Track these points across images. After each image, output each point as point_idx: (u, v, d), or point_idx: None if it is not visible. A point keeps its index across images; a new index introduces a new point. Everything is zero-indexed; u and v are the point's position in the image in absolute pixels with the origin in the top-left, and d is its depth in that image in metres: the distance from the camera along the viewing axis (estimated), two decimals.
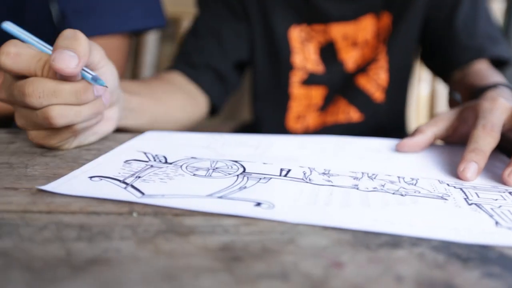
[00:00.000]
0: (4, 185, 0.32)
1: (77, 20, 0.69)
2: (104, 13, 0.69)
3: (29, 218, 0.27)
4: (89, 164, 0.36)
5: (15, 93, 0.36)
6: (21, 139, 0.44)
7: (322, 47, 0.80)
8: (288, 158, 0.39)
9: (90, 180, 0.32)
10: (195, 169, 0.35)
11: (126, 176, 0.33)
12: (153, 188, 0.31)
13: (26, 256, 0.23)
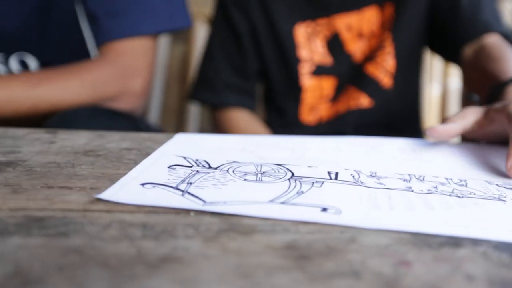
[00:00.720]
0: (58, 184, 0.33)
1: (109, 21, 0.70)
2: (135, 15, 0.70)
3: (91, 216, 0.28)
4: (135, 170, 0.36)
5: None
6: (61, 138, 0.45)
7: (328, 40, 0.82)
8: (328, 161, 0.40)
9: (143, 187, 0.32)
10: (243, 173, 0.35)
11: (177, 183, 0.33)
12: (211, 195, 0.31)
13: (100, 254, 0.23)
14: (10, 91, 0.61)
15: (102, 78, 0.66)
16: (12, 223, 0.26)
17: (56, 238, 0.25)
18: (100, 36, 0.70)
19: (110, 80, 0.67)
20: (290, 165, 0.37)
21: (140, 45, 0.72)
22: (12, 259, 0.23)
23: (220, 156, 0.40)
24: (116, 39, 0.70)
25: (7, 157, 0.38)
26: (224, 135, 0.49)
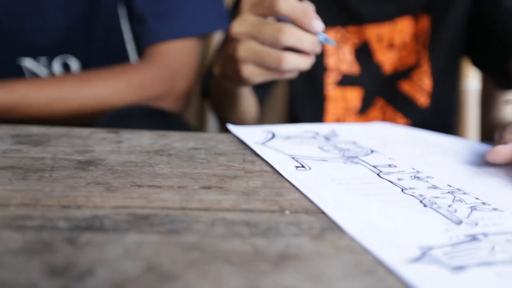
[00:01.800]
0: (146, 183, 0.33)
1: (157, 23, 0.70)
2: (182, 17, 0.71)
3: (192, 215, 0.29)
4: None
5: (265, 29, 0.45)
6: (126, 138, 0.46)
7: (357, 48, 0.81)
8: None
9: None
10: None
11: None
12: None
13: (219, 251, 0.24)
14: (61, 89, 0.62)
15: (148, 79, 0.67)
16: (121, 220, 0.27)
17: (169, 235, 0.26)
18: (147, 37, 0.70)
19: (156, 81, 0.68)
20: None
21: (185, 46, 0.72)
22: (140, 255, 0.23)
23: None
24: (163, 40, 0.71)
25: (85, 156, 0.39)
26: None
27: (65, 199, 0.30)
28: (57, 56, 0.74)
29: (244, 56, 0.47)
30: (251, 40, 0.47)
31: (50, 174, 0.34)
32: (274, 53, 0.46)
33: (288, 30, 0.45)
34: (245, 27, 0.47)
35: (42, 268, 0.22)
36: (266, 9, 0.46)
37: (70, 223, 0.26)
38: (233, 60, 0.48)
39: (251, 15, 0.47)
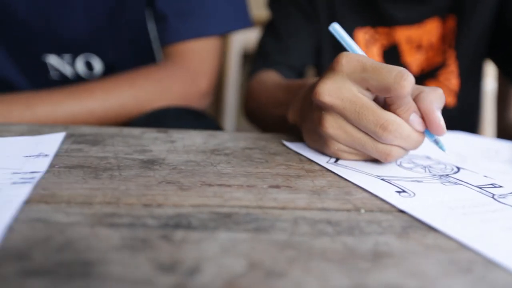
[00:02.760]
0: (215, 182, 0.34)
1: (178, 22, 0.71)
2: (204, 16, 0.71)
3: (272, 213, 0.29)
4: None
5: (366, 117, 0.36)
6: (177, 138, 0.46)
7: (385, 50, 0.82)
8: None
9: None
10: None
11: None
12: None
13: (312, 248, 0.24)
14: (86, 101, 0.62)
15: (172, 80, 0.68)
16: (206, 219, 0.27)
17: (258, 233, 0.26)
18: (168, 36, 0.71)
19: (179, 81, 0.68)
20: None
21: (207, 45, 0.73)
22: (238, 252, 0.24)
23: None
24: (185, 39, 0.71)
25: (145, 155, 0.39)
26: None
27: (144, 197, 0.30)
28: (81, 54, 0.75)
29: (334, 134, 0.39)
30: (342, 119, 0.38)
31: (119, 173, 0.35)
32: (380, 147, 0.38)
33: (394, 130, 0.36)
34: (340, 101, 0.37)
35: (150, 264, 0.22)
36: (378, 85, 0.35)
37: (158, 221, 0.27)
38: (319, 131, 0.40)
39: (351, 83, 0.37)
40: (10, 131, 0.45)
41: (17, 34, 0.73)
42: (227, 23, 0.75)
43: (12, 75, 0.78)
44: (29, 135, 0.44)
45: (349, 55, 0.37)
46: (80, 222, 0.26)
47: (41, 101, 0.59)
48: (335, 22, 0.42)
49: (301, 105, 0.45)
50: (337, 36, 0.41)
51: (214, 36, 0.73)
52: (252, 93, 0.71)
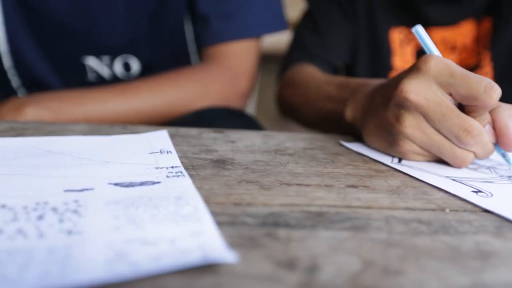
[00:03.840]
0: (293, 182, 0.34)
1: (220, 23, 0.71)
2: (245, 17, 0.71)
3: (361, 212, 0.29)
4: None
5: (451, 119, 0.37)
6: (236, 138, 0.46)
7: (419, 50, 0.82)
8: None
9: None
10: None
11: None
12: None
13: (416, 247, 0.25)
14: (131, 99, 0.63)
15: (214, 80, 0.68)
16: (300, 217, 0.28)
17: (356, 232, 0.26)
18: (210, 38, 0.71)
19: (221, 82, 0.69)
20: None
21: (247, 47, 0.73)
22: (347, 250, 0.24)
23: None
24: (227, 41, 0.71)
25: (213, 155, 0.40)
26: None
27: (231, 196, 0.31)
28: (120, 56, 0.75)
29: (411, 134, 0.39)
30: (423, 119, 0.38)
31: (197, 172, 0.35)
32: (457, 152, 0.38)
33: (476, 135, 0.36)
34: (426, 101, 0.37)
35: (268, 261, 0.22)
36: (465, 93, 0.36)
37: (255, 219, 0.27)
38: (393, 129, 0.40)
39: (436, 85, 0.37)
40: (72, 131, 0.45)
41: (57, 36, 0.74)
42: (266, 25, 0.76)
43: (49, 76, 0.79)
44: (91, 134, 0.44)
45: (438, 58, 0.37)
46: None
47: (90, 99, 0.60)
48: (419, 24, 0.42)
49: (365, 103, 0.46)
50: (419, 38, 0.42)
51: (253, 38, 0.74)
52: (293, 85, 0.71)
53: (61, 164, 0.35)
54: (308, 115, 0.65)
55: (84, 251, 0.22)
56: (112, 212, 0.26)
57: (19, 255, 0.21)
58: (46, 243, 0.23)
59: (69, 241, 0.23)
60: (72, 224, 0.25)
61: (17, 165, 0.34)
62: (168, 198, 0.29)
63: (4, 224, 0.24)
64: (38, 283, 0.19)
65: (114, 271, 0.20)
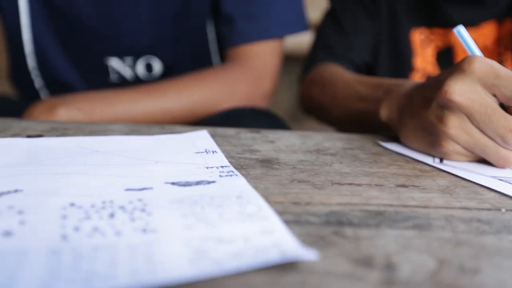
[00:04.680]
0: (344, 181, 0.34)
1: (245, 24, 0.71)
2: (270, 18, 0.72)
3: (419, 211, 0.29)
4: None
5: (496, 120, 0.37)
6: (274, 138, 0.47)
7: (439, 51, 0.82)
8: None
9: None
10: None
11: None
12: None
13: (485, 246, 0.25)
14: (160, 99, 0.63)
15: (240, 80, 0.68)
16: (361, 216, 0.28)
17: (420, 230, 0.26)
18: (235, 38, 0.71)
19: (246, 82, 0.69)
20: None
21: (270, 47, 0.74)
22: (417, 249, 0.24)
23: None
24: (251, 41, 0.72)
25: (257, 155, 0.40)
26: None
27: (288, 196, 0.31)
28: (142, 57, 0.76)
29: (454, 135, 0.39)
30: (467, 120, 0.38)
31: (247, 172, 0.35)
32: (502, 152, 0.39)
33: None
34: (470, 102, 0.37)
35: (345, 259, 0.22)
36: (509, 93, 0.37)
37: (318, 218, 0.27)
38: (435, 130, 0.41)
39: (480, 86, 0.38)
40: (112, 130, 0.45)
41: (81, 38, 0.74)
42: (289, 26, 0.76)
43: (72, 77, 0.79)
44: (130, 134, 0.44)
45: (482, 59, 0.37)
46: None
47: (120, 100, 0.60)
48: (460, 25, 0.43)
49: (401, 103, 0.46)
50: (461, 38, 0.42)
51: (276, 38, 0.74)
52: (320, 84, 0.71)
53: (114, 164, 0.35)
54: (336, 114, 0.65)
55: (164, 249, 0.22)
56: (179, 211, 0.27)
57: (103, 252, 0.22)
58: (124, 241, 0.23)
59: (147, 239, 0.23)
60: (144, 223, 0.25)
61: (72, 164, 0.34)
62: (229, 197, 0.29)
63: (79, 222, 0.25)
64: (130, 280, 0.20)
65: (199, 269, 0.21)
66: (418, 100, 0.43)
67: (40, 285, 0.19)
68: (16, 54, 0.78)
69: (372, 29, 0.82)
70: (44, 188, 0.29)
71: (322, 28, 0.84)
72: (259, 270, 0.21)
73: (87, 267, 0.20)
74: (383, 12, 0.81)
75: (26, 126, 0.45)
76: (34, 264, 0.20)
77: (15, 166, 0.33)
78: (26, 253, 0.21)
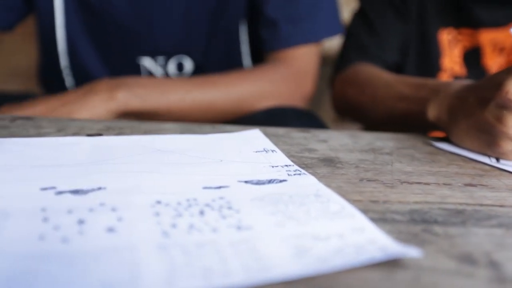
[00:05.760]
0: (412, 180, 0.34)
1: (288, 27, 0.71)
2: (312, 22, 0.72)
3: (496, 210, 0.29)
4: None
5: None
6: (327, 137, 0.47)
7: (467, 51, 0.82)
8: None
9: None
10: None
11: None
12: None
13: None
14: (209, 91, 0.64)
15: (283, 81, 0.69)
16: (443, 214, 0.28)
17: (509, 229, 0.27)
18: (278, 42, 0.72)
19: (289, 83, 0.69)
20: None
21: (311, 50, 0.74)
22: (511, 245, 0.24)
23: None
24: (294, 45, 0.72)
25: (317, 154, 0.40)
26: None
27: (364, 194, 0.31)
28: (174, 56, 0.76)
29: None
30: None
31: (314, 171, 0.35)
32: None
33: None
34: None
35: (447, 256, 0.23)
36: None
37: (402, 216, 0.27)
38: (493, 130, 0.41)
39: None
40: (165, 130, 0.46)
41: (115, 37, 0.75)
42: (329, 29, 0.76)
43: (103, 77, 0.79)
44: (183, 133, 0.45)
45: None
46: None
47: (173, 89, 0.61)
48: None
49: (452, 103, 0.46)
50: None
51: (317, 42, 0.74)
52: (356, 85, 0.71)
53: (183, 162, 0.35)
54: (375, 114, 0.65)
55: (265, 246, 0.22)
56: (264, 209, 0.27)
57: (207, 249, 0.22)
58: (223, 237, 0.23)
59: (245, 236, 0.23)
60: (235, 220, 0.25)
61: (142, 162, 0.35)
62: (307, 196, 0.29)
63: (173, 219, 0.25)
64: (245, 276, 0.20)
65: (305, 265, 0.21)
66: (472, 100, 0.43)
67: (164, 280, 0.19)
68: (48, 53, 0.79)
69: (401, 29, 0.82)
70: (126, 186, 0.29)
71: (352, 28, 0.84)
72: (370, 267, 0.21)
73: (199, 263, 0.21)
74: (412, 11, 0.81)
75: (82, 125, 0.45)
76: (150, 259, 0.21)
77: (88, 164, 0.34)
78: (136, 248, 0.21)
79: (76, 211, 0.25)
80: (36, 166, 0.33)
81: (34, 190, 0.28)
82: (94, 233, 0.23)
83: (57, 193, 0.28)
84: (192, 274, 0.20)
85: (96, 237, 0.22)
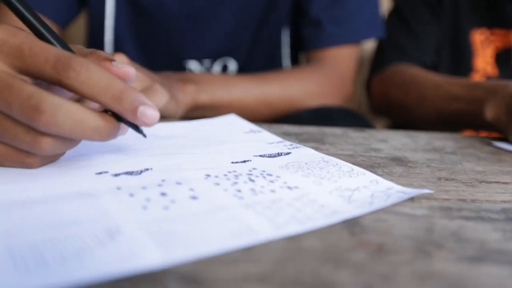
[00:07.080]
0: (489, 179, 0.35)
1: (333, 28, 0.72)
2: (355, 23, 0.72)
3: None
4: None
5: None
6: (382, 137, 0.47)
7: (498, 52, 0.81)
8: None
9: None
10: None
11: None
12: None
13: None
14: (260, 87, 0.64)
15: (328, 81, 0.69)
16: None
17: None
18: (321, 41, 0.72)
19: (332, 83, 0.70)
20: None
21: (352, 51, 0.74)
22: None
23: None
24: (337, 45, 0.72)
25: (382, 153, 0.40)
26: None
27: (449, 193, 0.31)
28: (220, 58, 0.76)
29: None
30: None
31: (390, 170, 0.36)
32: None
33: None
34: None
35: None
36: None
37: (497, 215, 0.28)
38: None
39: None
40: None
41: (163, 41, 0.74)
42: (370, 31, 0.76)
43: None
44: None
45: None
46: (426, 215, 0.27)
47: (236, 85, 0.62)
48: None
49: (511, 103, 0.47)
50: None
51: (358, 43, 0.75)
52: (399, 85, 0.71)
53: (190, 145, 0.36)
54: (422, 114, 0.65)
55: (323, 197, 0.27)
56: (295, 173, 0.31)
57: (280, 204, 0.26)
58: (285, 195, 0.27)
59: (302, 192, 0.28)
60: (282, 182, 0.29)
61: (158, 147, 0.35)
62: (318, 162, 0.34)
63: (234, 186, 0.28)
64: (325, 220, 0.25)
65: (355, 208, 0.26)
66: None
67: (272, 228, 0.23)
68: None
69: (437, 29, 0.82)
70: (168, 166, 0.30)
71: (388, 28, 0.84)
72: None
73: (286, 214, 0.24)
74: (446, 11, 0.81)
75: None
76: (248, 214, 0.24)
77: (117, 151, 0.34)
78: (227, 208, 0.24)
79: (148, 186, 0.27)
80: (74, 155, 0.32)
81: (92, 175, 0.28)
82: (182, 201, 0.25)
83: (113, 175, 0.29)
84: (286, 222, 0.23)
85: (188, 204, 0.25)
